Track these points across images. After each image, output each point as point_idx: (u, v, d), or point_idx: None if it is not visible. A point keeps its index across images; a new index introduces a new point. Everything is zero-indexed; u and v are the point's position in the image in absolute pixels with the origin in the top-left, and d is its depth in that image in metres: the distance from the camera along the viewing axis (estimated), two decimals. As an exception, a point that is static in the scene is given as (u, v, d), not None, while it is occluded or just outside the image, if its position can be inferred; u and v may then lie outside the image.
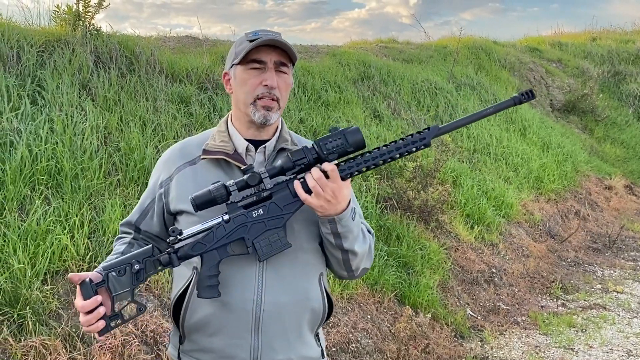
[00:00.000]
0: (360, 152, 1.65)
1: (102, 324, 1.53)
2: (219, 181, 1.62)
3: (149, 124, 4.82)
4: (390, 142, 1.65)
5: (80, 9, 5.34)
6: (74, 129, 4.21)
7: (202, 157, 1.78)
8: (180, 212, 1.76)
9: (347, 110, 7.23)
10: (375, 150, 1.65)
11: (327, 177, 1.59)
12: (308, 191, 1.61)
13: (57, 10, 5.40)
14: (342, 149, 1.60)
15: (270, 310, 1.69)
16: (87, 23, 5.36)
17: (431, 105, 9.04)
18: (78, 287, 1.53)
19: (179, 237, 1.62)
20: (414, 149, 1.63)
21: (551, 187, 8.73)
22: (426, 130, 1.64)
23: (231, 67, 1.78)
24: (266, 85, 1.71)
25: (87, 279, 1.53)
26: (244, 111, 1.76)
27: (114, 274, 1.57)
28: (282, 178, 1.66)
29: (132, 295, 1.59)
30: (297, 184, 1.62)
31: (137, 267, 1.58)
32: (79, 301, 1.52)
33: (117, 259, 1.61)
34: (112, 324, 1.56)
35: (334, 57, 8.86)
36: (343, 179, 1.62)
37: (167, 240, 1.64)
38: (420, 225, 5.93)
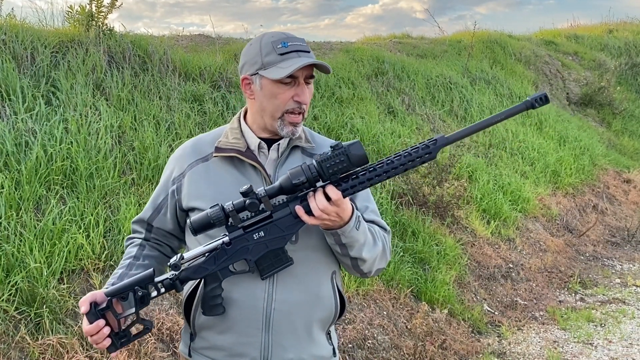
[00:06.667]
0: (363, 167, 1.60)
1: (108, 341, 1.59)
2: (217, 205, 1.59)
3: (163, 123, 4.84)
4: (395, 155, 1.60)
5: (93, 9, 5.38)
6: (88, 128, 4.23)
7: (214, 154, 1.77)
8: (192, 209, 1.76)
9: (361, 107, 7.19)
10: (379, 166, 1.60)
11: (328, 199, 1.56)
12: (309, 212, 1.59)
13: (71, 10, 5.44)
14: (345, 170, 1.56)
15: (280, 309, 1.69)
16: (100, 23, 5.38)
17: (446, 100, 8.98)
18: (84, 315, 1.58)
19: (180, 261, 1.62)
20: (419, 163, 1.59)
21: (568, 181, 8.63)
22: (432, 141, 1.58)
23: (255, 73, 1.72)
24: (297, 101, 1.70)
25: (92, 304, 1.58)
26: (269, 122, 1.74)
27: (117, 299, 1.60)
28: (283, 198, 1.63)
29: (137, 315, 1.63)
30: (299, 209, 1.59)
31: (140, 293, 1.61)
32: (84, 326, 1.59)
33: (118, 285, 1.61)
34: (122, 341, 1.63)
35: (348, 54, 8.83)
36: (344, 197, 1.59)
37: (168, 264, 1.65)
38: (436, 221, 5.90)
